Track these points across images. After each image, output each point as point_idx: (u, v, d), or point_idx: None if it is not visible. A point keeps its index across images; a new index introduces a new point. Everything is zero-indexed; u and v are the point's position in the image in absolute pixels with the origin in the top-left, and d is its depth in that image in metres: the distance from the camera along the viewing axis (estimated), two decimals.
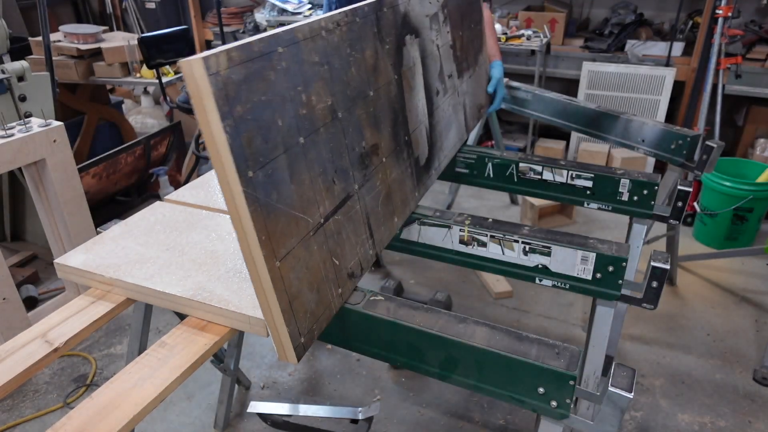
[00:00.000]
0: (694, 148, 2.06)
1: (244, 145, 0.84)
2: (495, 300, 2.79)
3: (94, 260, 1.27)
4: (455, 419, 2.13)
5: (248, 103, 0.86)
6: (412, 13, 1.46)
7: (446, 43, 1.66)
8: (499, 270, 1.51)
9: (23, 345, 1.07)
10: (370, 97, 1.22)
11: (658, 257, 1.37)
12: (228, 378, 2.05)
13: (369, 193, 1.22)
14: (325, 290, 1.06)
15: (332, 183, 1.07)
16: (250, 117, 0.86)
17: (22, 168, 2.25)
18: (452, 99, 1.70)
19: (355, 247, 1.16)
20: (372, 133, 1.23)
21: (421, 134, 1.49)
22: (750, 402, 2.19)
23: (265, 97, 0.90)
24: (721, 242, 3.17)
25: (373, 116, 1.23)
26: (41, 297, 2.76)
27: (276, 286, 0.91)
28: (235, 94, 0.83)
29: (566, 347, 1.07)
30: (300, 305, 0.98)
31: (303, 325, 0.99)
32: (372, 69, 1.24)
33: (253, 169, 0.86)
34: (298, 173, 0.97)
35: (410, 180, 1.44)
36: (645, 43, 3.76)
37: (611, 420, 1.03)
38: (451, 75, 1.68)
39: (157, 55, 3.38)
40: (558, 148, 4.13)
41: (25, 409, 2.18)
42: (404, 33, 1.40)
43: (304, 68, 1.00)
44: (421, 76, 1.49)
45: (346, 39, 1.15)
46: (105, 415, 0.89)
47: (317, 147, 1.03)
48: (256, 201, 0.86)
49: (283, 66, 0.95)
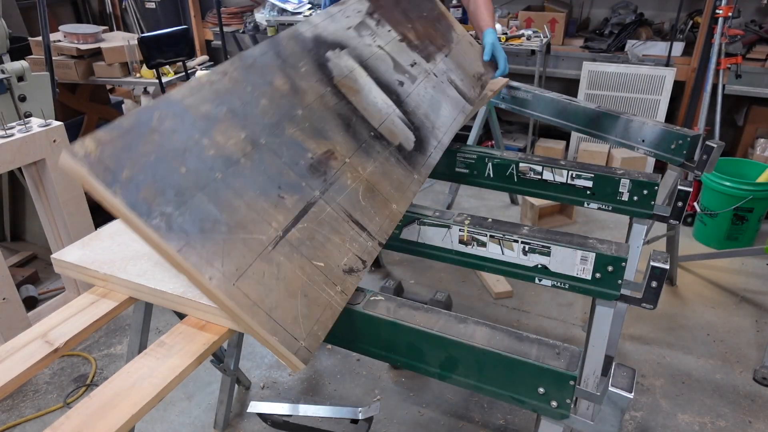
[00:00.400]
0: (694, 148, 2.06)
1: (145, 199, 0.94)
2: (495, 300, 2.79)
3: (89, 256, 1.28)
4: (455, 419, 2.13)
5: (135, 166, 0.95)
6: (326, 32, 1.59)
7: (392, 40, 1.79)
8: (498, 270, 1.51)
9: (23, 345, 1.07)
10: (300, 114, 1.32)
11: (658, 257, 1.36)
12: (228, 378, 2.05)
13: (340, 194, 1.28)
14: (316, 292, 1.08)
15: (280, 198, 1.14)
16: (143, 176, 0.96)
17: (22, 168, 2.25)
18: (428, 81, 1.81)
19: (343, 245, 1.19)
20: (318, 143, 1.31)
21: (395, 124, 1.57)
22: (750, 402, 2.19)
23: (155, 155, 0.99)
24: (721, 242, 3.17)
25: (312, 129, 1.32)
26: (41, 297, 2.76)
27: (241, 304, 0.95)
28: (116, 164, 0.93)
29: (566, 347, 1.07)
30: (283, 313, 1.00)
31: (297, 330, 1.00)
32: (291, 92, 1.35)
33: (164, 214, 0.95)
34: (227, 203, 1.05)
35: (399, 167, 1.49)
36: (645, 43, 3.76)
37: (611, 420, 1.03)
38: (415, 63, 1.80)
39: (157, 55, 3.38)
40: (558, 148, 4.13)
41: (25, 409, 2.18)
42: (323, 51, 1.53)
43: (195, 120, 1.10)
44: (367, 77, 1.60)
45: (241, 80, 1.25)
46: (103, 415, 0.89)
47: (243, 175, 1.11)
48: (184, 238, 0.95)
49: (167, 126, 1.04)
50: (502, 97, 2.61)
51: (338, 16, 1.68)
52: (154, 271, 1.22)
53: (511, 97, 2.58)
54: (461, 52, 2.06)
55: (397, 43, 1.80)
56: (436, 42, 1.96)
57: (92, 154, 0.90)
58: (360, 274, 1.18)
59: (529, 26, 3.96)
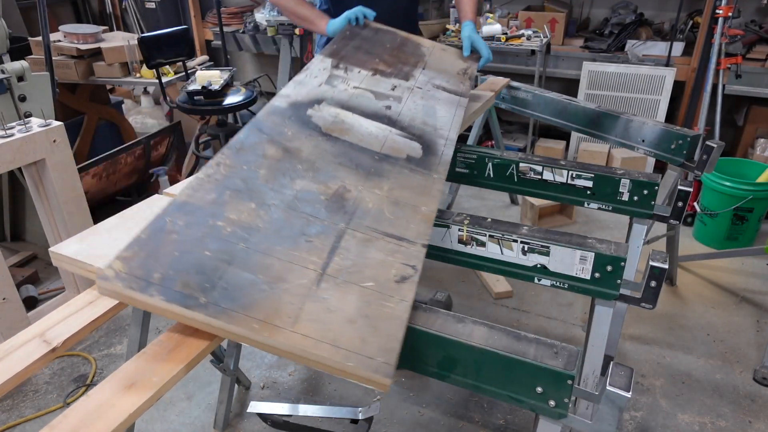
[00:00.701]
0: (694, 148, 2.05)
1: (181, 290, 1.00)
2: (495, 300, 2.79)
3: (86, 250, 1.28)
4: (455, 419, 2.12)
5: (163, 267, 1.02)
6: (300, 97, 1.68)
7: (365, 77, 1.87)
8: (497, 270, 1.51)
9: (21, 345, 1.07)
10: (301, 168, 1.40)
11: (657, 257, 1.36)
12: (228, 378, 2.05)
13: (365, 218, 1.31)
14: (375, 309, 1.09)
15: (308, 242, 1.19)
16: (173, 272, 1.02)
17: (22, 168, 2.25)
18: (414, 95, 1.87)
19: (386, 259, 1.21)
20: (326, 185, 1.37)
21: (395, 141, 1.62)
22: (750, 402, 2.19)
23: (178, 251, 1.06)
24: (721, 242, 3.16)
25: (316, 176, 1.39)
26: (41, 297, 2.77)
27: (304, 346, 0.98)
28: (145, 272, 1.00)
29: (565, 347, 1.07)
30: (349, 340, 1.01)
31: (368, 350, 1.00)
32: (285, 155, 1.41)
33: (204, 295, 1.01)
34: (259, 264, 1.11)
35: (414, 174, 1.52)
36: (645, 43, 3.76)
37: (609, 419, 1.03)
38: (395, 86, 1.88)
39: (157, 55, 3.38)
40: (558, 148, 4.13)
41: (25, 409, 2.19)
42: (303, 111, 1.61)
43: (204, 211, 1.18)
44: (353, 116, 1.66)
45: (235, 164, 1.33)
46: (101, 414, 0.89)
47: (265, 237, 1.17)
48: (223, 311, 1.00)
49: (180, 224, 1.12)
50: (502, 97, 2.61)
51: (306, 80, 1.77)
52: None
53: (511, 97, 2.58)
54: (436, 60, 2.14)
55: (370, 78, 1.87)
56: (408, 62, 2.05)
57: (121, 271, 0.99)
58: (414, 278, 1.19)
59: (529, 26, 3.96)
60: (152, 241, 1.07)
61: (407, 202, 1.41)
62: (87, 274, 1.25)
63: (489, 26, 3.80)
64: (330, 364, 0.98)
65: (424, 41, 2.25)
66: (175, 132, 3.79)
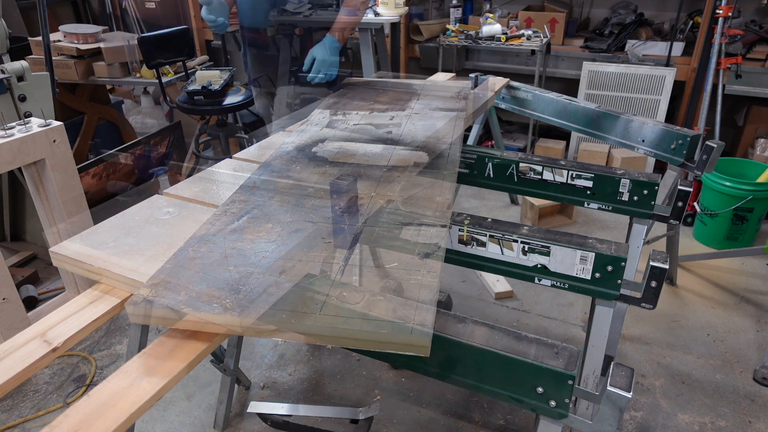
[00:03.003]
0: (694, 148, 2.05)
1: (209, 301, 1.06)
2: (495, 300, 2.79)
3: (85, 249, 1.29)
4: (455, 419, 2.12)
5: (189, 284, 1.11)
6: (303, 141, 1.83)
7: (364, 115, 2.06)
8: (498, 270, 1.51)
9: (22, 345, 1.07)
10: (312, 189, 1.52)
11: (657, 257, 1.36)
12: (228, 378, 2.05)
13: (381, 215, 1.39)
14: (402, 283, 1.13)
15: (328, 243, 1.27)
16: (199, 287, 1.11)
17: (22, 168, 2.25)
18: (412, 119, 2.02)
19: (408, 242, 1.28)
20: (339, 198, 1.44)
21: (401, 155, 1.73)
22: (750, 402, 2.19)
23: (202, 271, 1.16)
24: (721, 242, 3.16)
25: (326, 196, 1.47)
26: (41, 297, 2.76)
27: (336, 323, 1.01)
28: (171, 292, 1.09)
29: (565, 347, 1.07)
30: (380, 311, 1.03)
31: (402, 316, 1.01)
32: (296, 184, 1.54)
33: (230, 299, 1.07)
34: (281, 267, 1.17)
35: (424, 174, 1.60)
36: (645, 43, 3.76)
37: (610, 419, 1.03)
38: (393, 117, 2.04)
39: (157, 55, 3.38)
40: (558, 148, 4.13)
41: (25, 409, 2.18)
42: (309, 149, 1.77)
43: (225, 237, 1.29)
44: (357, 144, 1.82)
45: (249, 199, 1.46)
46: (101, 414, 0.89)
47: (286, 246, 1.26)
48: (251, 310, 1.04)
49: (203, 251, 1.23)
50: (502, 97, 2.61)
51: (308, 128, 1.93)
52: (147, 266, 1.22)
53: (511, 97, 2.58)
54: (429, 90, 2.33)
55: (369, 114, 2.05)
56: (403, 98, 2.23)
57: (148, 295, 1.07)
58: (439, 252, 1.22)
59: (529, 26, 3.96)
60: (176, 267, 1.16)
61: (420, 196, 1.48)
62: (87, 274, 1.25)
63: (489, 26, 3.80)
64: (363, 337, 0.98)
65: (414, 81, 2.43)
66: (175, 132, 3.79)
